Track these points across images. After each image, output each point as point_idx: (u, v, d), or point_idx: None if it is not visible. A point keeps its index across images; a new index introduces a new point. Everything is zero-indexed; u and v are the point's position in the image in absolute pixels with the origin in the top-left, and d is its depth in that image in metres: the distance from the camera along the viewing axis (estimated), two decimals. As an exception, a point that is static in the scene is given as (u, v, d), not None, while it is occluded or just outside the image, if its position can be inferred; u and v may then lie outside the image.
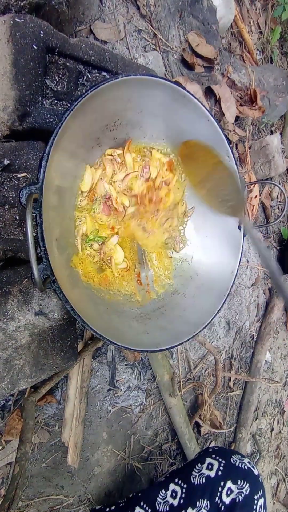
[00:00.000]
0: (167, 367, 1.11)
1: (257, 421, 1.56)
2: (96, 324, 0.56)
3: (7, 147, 0.62)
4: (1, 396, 0.60)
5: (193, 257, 0.84)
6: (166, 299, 0.79)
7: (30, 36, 0.61)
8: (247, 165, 1.40)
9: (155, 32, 1.12)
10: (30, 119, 0.64)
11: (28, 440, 0.65)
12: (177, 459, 1.24)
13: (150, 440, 1.17)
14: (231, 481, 0.79)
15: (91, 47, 0.72)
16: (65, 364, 0.70)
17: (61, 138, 0.54)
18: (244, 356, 1.50)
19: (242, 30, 1.48)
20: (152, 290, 0.80)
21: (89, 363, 0.97)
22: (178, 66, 1.16)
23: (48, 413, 0.94)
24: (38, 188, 0.48)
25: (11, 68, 0.60)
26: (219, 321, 1.38)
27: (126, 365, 1.08)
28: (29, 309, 0.64)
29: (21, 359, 0.62)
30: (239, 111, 1.33)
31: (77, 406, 0.93)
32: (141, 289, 0.79)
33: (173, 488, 0.84)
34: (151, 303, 0.78)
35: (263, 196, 1.51)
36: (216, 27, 1.23)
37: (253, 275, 1.48)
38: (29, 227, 0.41)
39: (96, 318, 0.61)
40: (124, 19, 1.06)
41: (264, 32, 1.66)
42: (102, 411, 1.04)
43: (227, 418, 1.44)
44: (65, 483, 0.98)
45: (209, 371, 1.33)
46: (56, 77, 0.68)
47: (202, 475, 0.82)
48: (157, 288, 0.81)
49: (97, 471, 1.04)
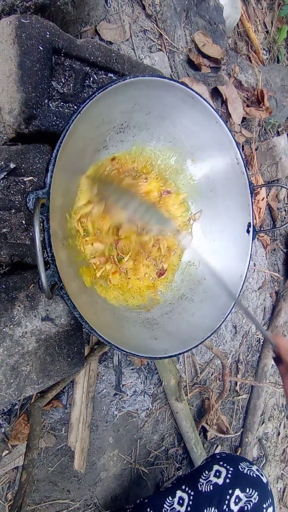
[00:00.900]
0: (173, 371, 1.10)
1: (264, 425, 1.54)
2: (104, 330, 0.55)
3: (13, 150, 0.61)
4: (8, 402, 0.59)
5: (201, 261, 0.83)
6: (173, 304, 0.78)
7: (36, 37, 0.60)
8: (254, 167, 1.39)
9: (160, 32, 1.11)
10: (36, 122, 0.63)
11: (35, 447, 0.64)
12: (183, 464, 1.23)
13: (157, 445, 1.16)
14: (239, 489, 0.77)
15: (97, 48, 0.71)
16: (71, 370, 0.69)
17: (68, 141, 0.53)
18: (250, 360, 1.48)
19: (248, 30, 1.46)
20: (160, 294, 0.79)
21: (96, 367, 0.96)
22: (184, 67, 1.15)
23: (55, 418, 0.93)
24: (45, 192, 0.47)
25: (17, 70, 0.59)
26: (226, 325, 1.36)
27: (132, 369, 1.07)
28: (35, 315, 0.63)
29: (28, 365, 0.61)
30: (246, 112, 1.31)
31: (83, 411, 0.92)
32: (148, 294, 0.78)
33: (180, 495, 0.83)
34: (159, 308, 0.77)
35: (269, 198, 1.50)
36: (222, 26, 1.21)
37: (260, 278, 1.47)
38: (37, 233, 0.40)
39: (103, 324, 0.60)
40: (129, 19, 1.05)
41: (270, 32, 1.64)
42: (108, 415, 1.03)
43: (234, 423, 1.43)
44: (71, 487, 0.97)
45: (215, 375, 1.32)
46: (62, 79, 0.67)
47: (209, 482, 0.81)
48: (163, 290, 0.80)
49: (103, 476, 1.03)
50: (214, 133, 0.72)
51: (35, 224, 0.40)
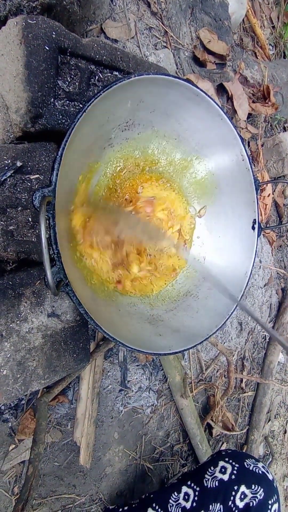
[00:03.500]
0: (178, 368, 1.11)
1: (270, 423, 1.54)
2: (109, 327, 0.56)
3: (19, 148, 0.62)
4: (15, 397, 0.60)
5: (206, 257, 0.83)
6: (178, 300, 0.79)
7: (42, 37, 0.61)
8: (260, 163, 1.38)
9: (166, 30, 1.11)
10: (43, 121, 0.64)
11: (41, 441, 0.65)
12: (188, 460, 1.23)
13: (162, 441, 1.17)
14: (245, 485, 0.78)
15: (102, 47, 0.71)
16: (77, 365, 0.70)
17: (73, 139, 0.53)
18: (256, 357, 1.48)
19: (254, 25, 1.45)
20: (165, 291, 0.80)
21: (101, 363, 0.96)
22: (189, 64, 1.15)
23: (60, 413, 0.94)
24: (51, 190, 0.47)
25: (24, 70, 0.60)
26: (231, 321, 1.36)
27: (138, 365, 1.08)
28: (42, 311, 0.64)
29: (34, 361, 0.62)
30: (252, 108, 1.30)
31: (89, 406, 0.93)
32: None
33: (185, 491, 0.84)
34: (164, 304, 0.77)
35: (276, 195, 1.49)
36: (228, 22, 1.21)
37: (266, 275, 1.46)
38: (43, 230, 0.41)
39: (108, 321, 0.61)
40: (134, 17, 1.05)
41: (276, 27, 1.62)
42: (113, 411, 1.04)
43: (239, 420, 1.43)
44: (77, 482, 0.98)
45: (221, 372, 1.32)
46: (68, 78, 0.67)
47: (215, 478, 0.81)
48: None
49: (108, 471, 1.04)
50: (219, 130, 0.72)
51: (41, 222, 0.41)
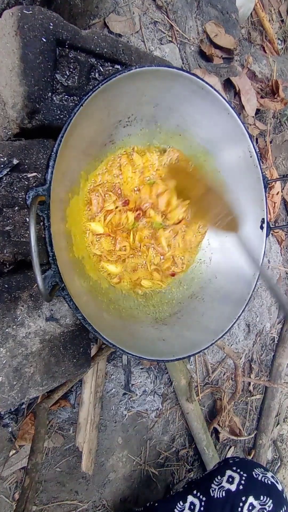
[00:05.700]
0: (184, 371, 1.08)
1: (278, 426, 1.50)
2: (109, 332, 0.53)
3: (16, 146, 0.60)
4: (11, 405, 0.58)
5: (212, 259, 0.80)
6: (183, 303, 0.76)
7: (39, 29, 0.58)
8: (268, 160, 1.34)
9: (171, 24, 1.07)
10: (40, 116, 0.61)
11: (39, 450, 0.63)
12: (194, 466, 1.20)
13: (167, 446, 1.14)
14: (253, 496, 0.74)
15: (103, 39, 0.68)
16: (77, 371, 0.67)
17: (71, 135, 0.51)
18: (264, 360, 1.44)
19: (262, 19, 1.41)
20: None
21: (104, 367, 0.94)
22: (195, 58, 1.11)
23: (62, 417, 0.92)
24: (46, 189, 0.45)
25: (20, 63, 0.57)
26: (239, 323, 1.32)
27: (142, 369, 1.05)
28: (39, 315, 0.61)
29: (32, 367, 0.60)
30: (260, 104, 1.26)
31: (92, 411, 0.91)
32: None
33: (191, 500, 0.81)
34: (168, 307, 0.74)
35: (285, 192, 1.44)
36: (235, 15, 1.17)
37: (274, 275, 1.42)
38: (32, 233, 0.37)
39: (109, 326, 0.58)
40: (139, 11, 1.02)
41: (285, 21, 1.58)
42: (117, 415, 1.01)
43: (247, 424, 1.39)
44: (79, 488, 0.96)
45: (228, 375, 1.28)
46: (66, 71, 0.65)
47: (222, 488, 0.78)
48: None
49: (112, 477, 1.02)
50: (225, 125, 0.68)
51: (30, 223, 0.38)
